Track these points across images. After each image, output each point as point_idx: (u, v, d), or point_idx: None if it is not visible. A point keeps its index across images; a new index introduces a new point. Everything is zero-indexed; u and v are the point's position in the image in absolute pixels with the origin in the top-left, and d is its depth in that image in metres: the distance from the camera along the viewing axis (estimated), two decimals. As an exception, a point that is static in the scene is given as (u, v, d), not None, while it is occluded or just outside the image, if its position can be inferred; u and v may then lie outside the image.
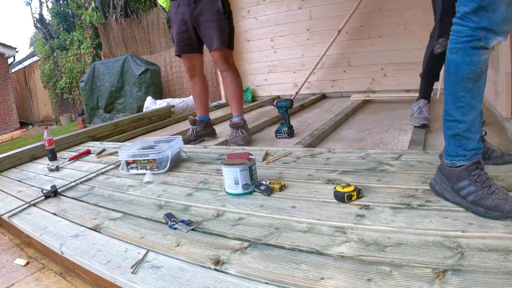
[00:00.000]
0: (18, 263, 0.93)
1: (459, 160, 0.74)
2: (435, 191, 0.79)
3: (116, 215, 0.95)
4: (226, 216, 0.85)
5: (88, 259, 0.73)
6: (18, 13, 29.98)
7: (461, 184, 0.72)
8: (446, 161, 0.77)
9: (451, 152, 0.76)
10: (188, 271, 0.64)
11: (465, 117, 0.72)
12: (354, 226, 0.72)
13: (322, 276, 0.57)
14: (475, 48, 0.68)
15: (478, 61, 0.69)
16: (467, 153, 0.73)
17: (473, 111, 0.72)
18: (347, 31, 2.68)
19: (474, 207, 0.70)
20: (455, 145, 0.75)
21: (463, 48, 0.69)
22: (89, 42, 6.17)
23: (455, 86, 0.71)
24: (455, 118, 0.73)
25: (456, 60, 0.70)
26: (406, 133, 1.57)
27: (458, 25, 0.71)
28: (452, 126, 0.74)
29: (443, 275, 0.53)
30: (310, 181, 1.00)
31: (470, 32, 0.68)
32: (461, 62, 0.70)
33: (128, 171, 1.33)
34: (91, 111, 4.75)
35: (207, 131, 1.83)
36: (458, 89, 0.71)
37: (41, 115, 8.24)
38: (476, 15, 0.67)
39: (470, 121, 0.72)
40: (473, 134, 0.73)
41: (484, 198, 0.69)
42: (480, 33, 0.67)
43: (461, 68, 0.70)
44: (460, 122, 0.72)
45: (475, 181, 0.71)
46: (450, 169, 0.75)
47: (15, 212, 1.07)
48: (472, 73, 0.69)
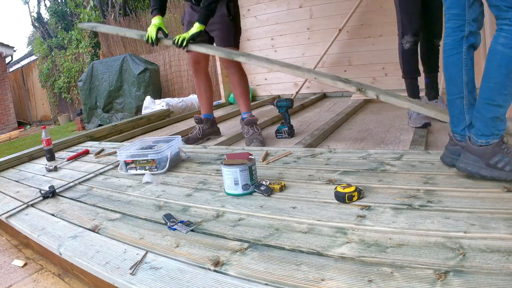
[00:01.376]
0: (16, 264, 0.93)
1: (493, 138, 0.85)
2: (469, 172, 0.87)
3: (115, 215, 0.95)
4: (225, 216, 0.85)
5: (87, 260, 0.73)
6: (15, 12, 29.82)
7: (496, 159, 0.83)
8: (480, 140, 0.85)
9: (487, 132, 0.85)
10: (188, 272, 0.64)
11: (506, 103, 0.83)
12: (355, 226, 0.71)
13: (322, 277, 0.57)
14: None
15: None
16: (499, 132, 0.85)
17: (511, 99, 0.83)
18: (348, 30, 2.68)
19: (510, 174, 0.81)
20: (492, 126, 0.84)
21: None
22: (88, 41, 6.14)
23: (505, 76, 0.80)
24: (498, 103, 0.82)
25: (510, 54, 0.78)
26: (407, 133, 1.57)
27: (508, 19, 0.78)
28: (494, 110, 0.83)
29: (444, 276, 0.53)
30: (310, 182, 0.99)
31: None
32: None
33: (127, 172, 1.32)
34: (89, 111, 4.73)
35: (214, 129, 1.82)
36: (506, 79, 0.80)
37: (39, 115, 8.20)
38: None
39: (508, 106, 0.83)
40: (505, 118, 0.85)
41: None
42: None
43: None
44: (501, 107, 0.83)
45: (506, 153, 0.83)
46: (483, 148, 0.85)
47: (13, 212, 1.07)
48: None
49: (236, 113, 2.65)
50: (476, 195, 0.78)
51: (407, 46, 1.57)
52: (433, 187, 0.85)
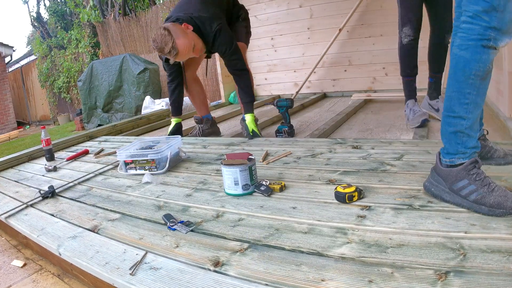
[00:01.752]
0: (15, 265, 0.93)
1: (459, 158, 0.74)
2: (431, 193, 0.79)
3: (115, 216, 0.94)
4: (225, 217, 0.85)
5: (86, 260, 0.73)
6: (15, 12, 29.80)
7: (461, 184, 0.72)
8: (444, 159, 0.76)
9: (451, 150, 0.75)
10: (187, 272, 0.63)
11: (469, 114, 0.72)
12: (355, 227, 0.71)
13: (322, 278, 0.57)
14: (485, 46, 0.69)
15: (487, 59, 0.70)
16: (467, 151, 0.73)
17: (477, 108, 0.72)
18: (348, 29, 2.67)
19: (477, 206, 0.69)
20: (455, 143, 0.74)
21: (473, 45, 0.70)
22: (87, 41, 6.13)
23: (462, 82, 0.71)
24: (459, 114, 0.72)
25: (465, 56, 0.70)
26: (408, 132, 1.57)
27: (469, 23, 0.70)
28: (454, 123, 0.73)
29: (445, 276, 0.53)
30: (310, 182, 0.99)
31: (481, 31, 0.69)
32: (470, 59, 0.70)
33: (127, 172, 1.32)
34: (89, 111, 4.72)
35: (213, 129, 1.83)
36: (464, 86, 0.71)
37: (39, 115, 8.19)
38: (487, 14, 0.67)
39: (473, 118, 0.72)
40: (474, 132, 0.73)
41: (486, 196, 0.69)
42: (491, 33, 0.68)
43: (469, 64, 0.70)
44: (463, 119, 0.72)
45: (474, 180, 0.71)
46: (448, 169, 0.75)
47: (12, 213, 1.06)
48: (480, 71, 0.70)
49: (236, 113, 2.65)
50: (476, 195, 0.78)
51: (406, 40, 1.52)
52: (434, 187, 0.85)
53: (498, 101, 1.58)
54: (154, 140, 1.49)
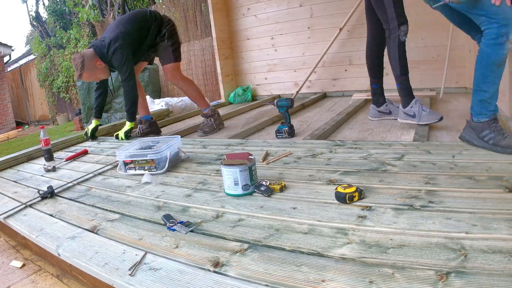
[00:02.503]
0: (14, 265, 0.92)
1: (482, 117, 1.09)
2: (466, 140, 1.14)
3: (114, 216, 0.94)
4: (225, 217, 0.84)
5: (85, 261, 0.72)
6: (14, 11, 29.69)
7: (484, 133, 1.07)
8: (474, 118, 1.11)
9: (478, 111, 1.10)
10: (187, 273, 0.63)
11: (489, 88, 1.07)
12: (356, 227, 0.71)
13: (323, 278, 0.56)
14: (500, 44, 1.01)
15: (502, 53, 1.02)
16: (487, 113, 1.09)
17: (495, 85, 1.07)
18: (348, 29, 2.67)
19: (494, 147, 1.04)
20: (480, 107, 1.09)
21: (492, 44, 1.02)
22: (86, 40, 6.11)
23: (485, 68, 1.06)
24: (483, 89, 1.07)
25: (487, 51, 1.04)
26: (408, 132, 1.56)
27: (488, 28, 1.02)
28: (480, 94, 1.08)
29: (446, 277, 0.52)
30: (311, 182, 0.99)
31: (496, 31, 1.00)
32: (489, 53, 1.03)
33: (126, 172, 1.32)
34: (88, 111, 4.71)
35: (152, 129, 2.10)
36: (487, 71, 1.05)
37: (38, 115, 8.17)
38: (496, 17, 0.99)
39: (492, 92, 1.07)
40: (493, 100, 1.08)
41: (501, 140, 1.03)
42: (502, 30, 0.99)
43: (489, 57, 1.04)
44: (486, 92, 1.07)
45: (493, 130, 1.06)
46: (476, 123, 1.10)
47: (11, 213, 1.06)
48: (497, 61, 1.03)
49: (236, 113, 2.64)
50: (478, 196, 0.78)
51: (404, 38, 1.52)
52: (435, 187, 0.85)
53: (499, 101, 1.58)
54: (154, 140, 1.48)
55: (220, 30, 3.19)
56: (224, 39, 3.23)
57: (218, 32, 3.15)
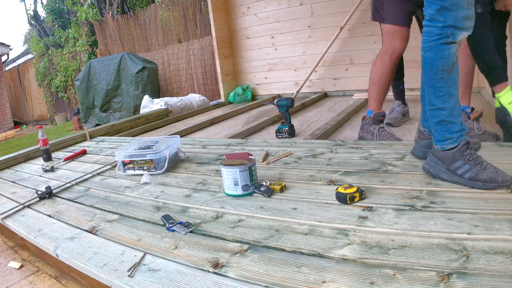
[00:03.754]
0: (12, 266, 0.92)
1: (448, 143, 0.84)
2: (430, 173, 0.88)
3: (113, 217, 0.93)
4: (225, 218, 0.84)
5: (84, 262, 0.72)
6: (12, 10, 29.57)
7: (457, 164, 0.82)
8: (436, 146, 0.86)
9: (440, 137, 0.85)
10: (187, 274, 0.63)
11: (446, 104, 0.82)
12: (357, 228, 0.71)
13: (323, 280, 0.56)
14: (444, 43, 0.79)
15: (449, 54, 0.79)
16: (453, 135, 0.83)
17: (452, 97, 0.82)
18: (349, 28, 2.66)
19: (472, 183, 0.80)
20: (441, 130, 0.84)
21: (434, 45, 0.80)
22: (85, 40, 6.09)
23: (433, 79, 0.82)
24: (438, 106, 0.83)
25: (430, 56, 0.81)
26: (410, 132, 1.57)
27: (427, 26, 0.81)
28: (436, 114, 0.84)
29: (448, 278, 0.52)
30: (311, 182, 0.98)
31: (438, 31, 0.79)
32: (434, 58, 0.81)
33: (125, 172, 1.31)
34: (86, 110, 4.69)
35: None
36: (435, 81, 0.82)
37: (36, 114, 8.14)
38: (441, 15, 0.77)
39: (450, 107, 0.82)
40: (456, 118, 0.83)
41: (479, 173, 0.79)
42: (447, 30, 0.78)
43: (435, 62, 0.81)
44: (442, 109, 0.83)
45: (468, 160, 0.81)
46: (444, 152, 0.84)
47: (9, 213, 1.05)
48: (446, 65, 0.80)
49: (236, 113, 2.64)
50: (479, 196, 0.77)
51: None
52: (436, 187, 0.85)
53: None
54: (153, 140, 1.48)
55: (220, 29, 3.18)
56: (223, 38, 3.23)
57: (217, 31, 3.14)
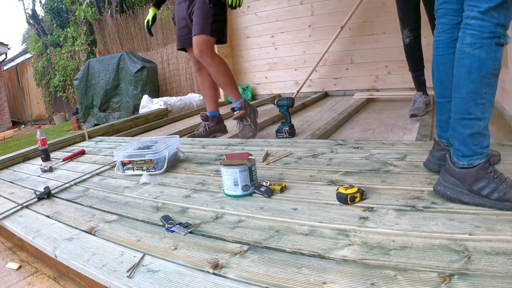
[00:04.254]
0: (10, 267, 0.91)
1: (477, 159, 0.72)
2: (447, 197, 0.75)
3: (112, 217, 0.93)
4: (225, 218, 0.83)
5: (83, 263, 0.71)
6: (10, 9, 29.45)
7: (481, 184, 0.70)
8: (461, 162, 0.73)
9: (467, 152, 0.72)
10: (186, 275, 0.62)
11: (485, 114, 0.70)
12: (358, 228, 0.70)
13: (324, 281, 0.56)
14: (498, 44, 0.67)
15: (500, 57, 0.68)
16: (484, 151, 0.72)
17: (491, 107, 0.71)
18: (350, 27, 2.65)
19: (501, 204, 0.69)
20: (472, 144, 0.72)
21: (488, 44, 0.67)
22: (84, 39, 6.07)
23: (478, 83, 0.69)
24: (476, 116, 0.70)
25: (481, 55, 0.68)
26: (411, 132, 1.56)
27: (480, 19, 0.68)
28: (472, 125, 0.71)
29: (449, 279, 0.52)
30: (312, 182, 0.98)
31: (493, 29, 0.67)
32: (486, 58, 0.67)
33: (124, 172, 1.30)
34: (85, 110, 4.68)
35: (220, 126, 1.81)
36: (481, 86, 0.69)
37: (34, 114, 8.11)
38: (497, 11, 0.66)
39: (488, 117, 0.71)
40: (488, 131, 0.72)
41: (508, 192, 0.68)
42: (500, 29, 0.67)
43: (486, 64, 0.68)
44: (480, 120, 0.70)
45: (493, 178, 0.70)
46: (466, 170, 0.72)
47: (7, 214, 1.05)
48: (496, 69, 0.68)
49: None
50: (480, 196, 0.77)
51: (407, 40, 1.64)
52: (437, 188, 0.84)
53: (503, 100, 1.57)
54: (152, 140, 1.47)
55: (219, 29, 3.17)
56: (223, 37, 3.22)
57: (217, 30, 3.13)
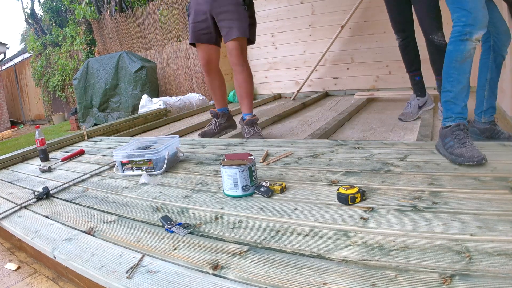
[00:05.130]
0: (9, 268, 0.91)
1: (448, 121, 1.03)
2: (436, 148, 1.08)
3: (111, 217, 0.93)
4: (225, 219, 0.83)
5: (82, 263, 0.71)
6: (8, 8, 29.35)
7: (446, 140, 1.01)
8: (442, 122, 1.05)
9: (445, 115, 1.05)
10: (186, 276, 0.62)
11: (453, 87, 1.02)
12: (358, 229, 0.70)
13: (324, 281, 0.56)
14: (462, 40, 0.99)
15: (464, 49, 0.99)
16: (452, 115, 1.03)
17: (459, 84, 1.01)
18: (350, 26, 2.64)
19: (449, 156, 0.98)
20: (446, 110, 1.04)
21: (454, 41, 1.01)
22: (83, 38, 6.05)
23: (447, 67, 1.03)
24: (447, 88, 1.03)
25: (449, 49, 1.02)
26: (412, 132, 1.56)
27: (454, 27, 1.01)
28: (445, 95, 1.04)
29: (450, 280, 0.52)
30: (312, 183, 0.98)
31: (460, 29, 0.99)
32: (452, 50, 1.02)
33: (123, 172, 1.30)
34: (84, 110, 4.67)
35: (230, 123, 1.84)
36: (449, 69, 1.02)
37: (33, 114, 8.09)
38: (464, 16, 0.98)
39: (456, 91, 1.01)
40: (459, 101, 1.02)
41: (456, 148, 0.96)
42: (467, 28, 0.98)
43: (451, 54, 1.02)
44: (450, 92, 1.03)
45: (454, 138, 0.99)
46: (442, 129, 1.05)
47: (6, 214, 1.04)
48: (459, 57, 1.00)
49: (235, 112, 2.62)
50: (482, 197, 0.77)
51: (397, 43, 1.71)
52: (439, 188, 0.84)
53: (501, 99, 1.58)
54: (152, 140, 1.47)
55: (219, 28, 3.16)
56: (222, 37, 3.20)
57: (216, 30, 3.12)
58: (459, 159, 0.93)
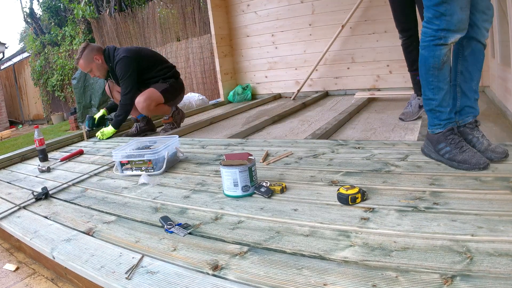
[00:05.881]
0: (8, 269, 0.90)
1: (436, 128, 0.99)
2: (424, 153, 1.05)
3: (110, 218, 0.92)
4: (224, 219, 0.83)
5: (81, 264, 0.71)
6: (7, 7, 29.28)
7: (440, 146, 0.97)
8: (428, 130, 1.02)
9: (431, 122, 1.01)
10: (185, 276, 0.62)
11: (435, 95, 0.96)
12: (359, 229, 0.70)
13: (325, 282, 0.55)
14: (436, 45, 0.90)
15: (440, 54, 0.91)
16: (441, 122, 0.98)
17: (441, 91, 0.95)
18: (351, 26, 2.64)
19: (449, 162, 0.94)
20: (432, 117, 1.00)
21: (428, 45, 0.91)
22: (82, 38, 6.04)
23: (425, 74, 0.95)
24: (429, 97, 0.97)
25: (424, 54, 0.93)
26: (412, 132, 1.56)
27: (424, 27, 0.91)
28: (428, 103, 0.99)
29: (451, 280, 0.51)
30: (312, 183, 0.98)
31: (433, 33, 0.89)
32: (427, 56, 0.92)
33: (123, 172, 1.30)
34: (83, 110, 4.65)
35: (149, 126, 2.16)
36: (428, 76, 0.95)
37: (32, 114, 8.07)
38: (438, 19, 0.87)
39: (440, 98, 0.96)
40: (444, 108, 0.97)
41: (456, 155, 0.93)
42: (441, 33, 0.88)
43: (427, 60, 0.93)
44: (432, 100, 0.97)
45: (450, 143, 0.95)
46: (432, 135, 1.01)
47: (5, 215, 1.04)
48: (436, 63, 0.92)
49: (236, 112, 2.62)
50: (483, 197, 0.77)
51: (401, 41, 1.70)
52: (439, 188, 0.84)
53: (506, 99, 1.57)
54: (151, 140, 1.46)
55: (219, 27, 3.16)
56: (223, 36, 3.20)
57: (217, 29, 3.12)
58: (464, 166, 0.90)
